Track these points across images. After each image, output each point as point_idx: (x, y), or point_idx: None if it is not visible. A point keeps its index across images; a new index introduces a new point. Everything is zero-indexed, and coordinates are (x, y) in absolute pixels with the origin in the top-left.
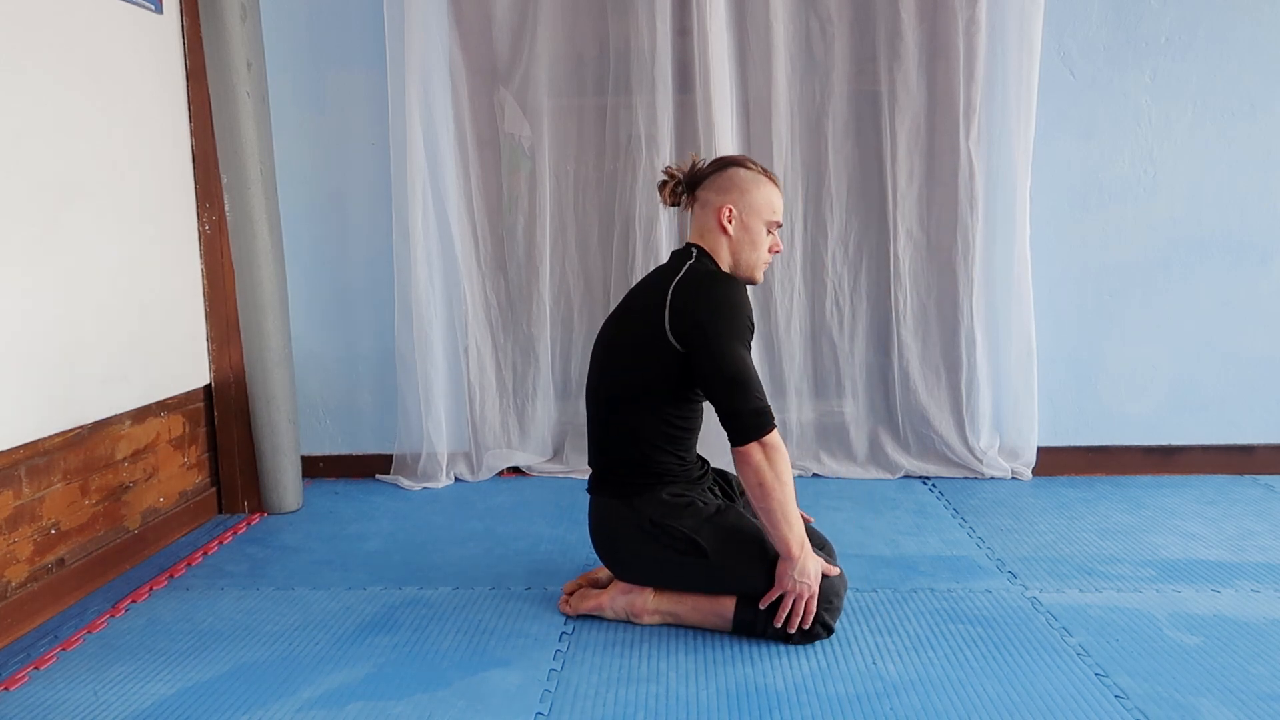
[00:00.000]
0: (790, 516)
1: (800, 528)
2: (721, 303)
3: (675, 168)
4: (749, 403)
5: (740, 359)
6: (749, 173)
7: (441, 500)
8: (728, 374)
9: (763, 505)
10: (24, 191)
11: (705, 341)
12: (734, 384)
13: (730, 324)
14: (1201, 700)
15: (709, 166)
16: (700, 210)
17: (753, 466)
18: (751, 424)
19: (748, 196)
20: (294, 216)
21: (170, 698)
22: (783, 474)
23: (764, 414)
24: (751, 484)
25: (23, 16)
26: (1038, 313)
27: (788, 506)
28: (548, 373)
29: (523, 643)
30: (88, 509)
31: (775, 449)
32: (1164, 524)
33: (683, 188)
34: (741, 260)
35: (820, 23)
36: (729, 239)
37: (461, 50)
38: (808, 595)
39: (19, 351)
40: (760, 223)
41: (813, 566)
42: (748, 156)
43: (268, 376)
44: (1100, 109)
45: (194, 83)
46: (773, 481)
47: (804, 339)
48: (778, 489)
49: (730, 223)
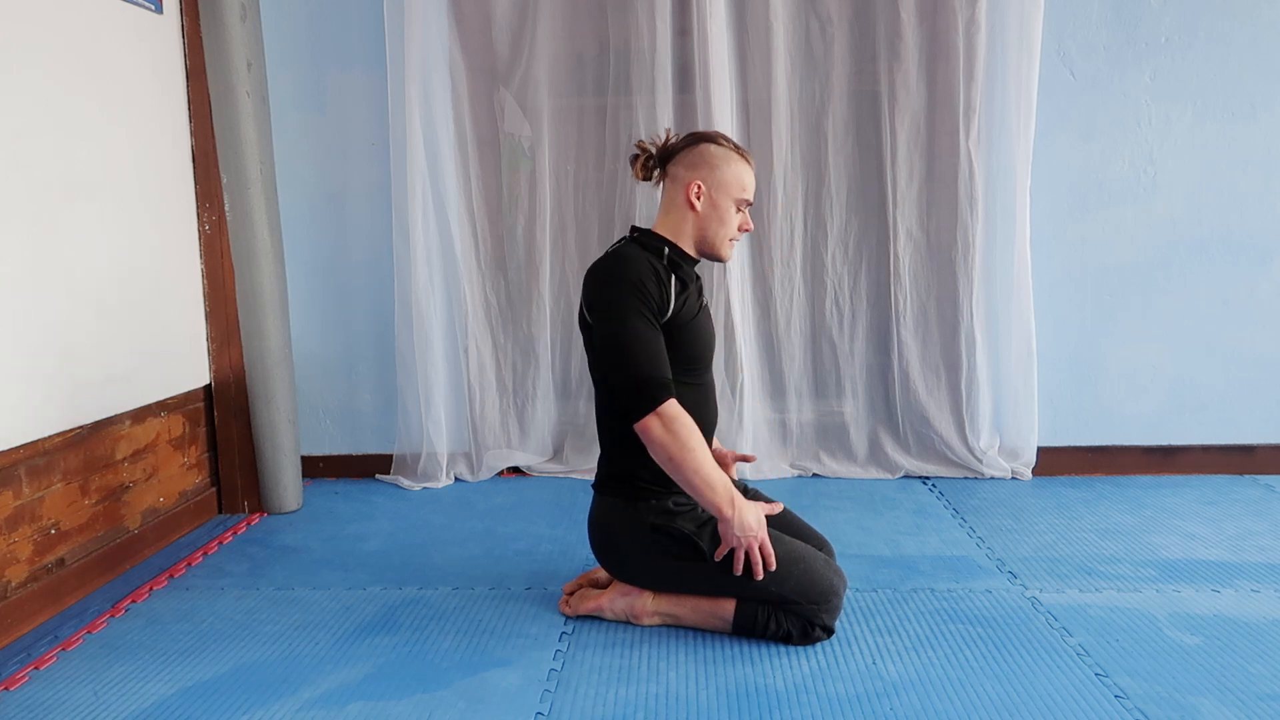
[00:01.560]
0: (710, 479)
1: (724, 484)
2: (611, 279)
3: (648, 142)
4: (634, 375)
5: (627, 330)
6: (720, 149)
7: (441, 500)
8: (610, 351)
9: (678, 477)
10: (24, 191)
11: (597, 319)
12: (617, 358)
13: (618, 298)
14: (1201, 700)
15: (681, 141)
16: (670, 185)
17: (656, 441)
18: (643, 396)
19: (717, 173)
20: (294, 216)
21: (170, 698)
22: (689, 440)
23: (652, 383)
24: (661, 460)
25: (23, 16)
26: (1038, 313)
27: (703, 470)
28: (548, 373)
29: (523, 643)
30: (88, 509)
31: (673, 418)
32: (1164, 524)
33: (654, 162)
34: (708, 236)
35: (820, 23)
36: (696, 215)
37: (461, 50)
38: (755, 544)
39: (19, 351)
40: (729, 200)
41: (750, 517)
42: (722, 133)
43: (268, 376)
44: (1100, 109)
45: (194, 83)
46: (680, 452)
47: (804, 339)
48: (688, 457)
49: (699, 199)
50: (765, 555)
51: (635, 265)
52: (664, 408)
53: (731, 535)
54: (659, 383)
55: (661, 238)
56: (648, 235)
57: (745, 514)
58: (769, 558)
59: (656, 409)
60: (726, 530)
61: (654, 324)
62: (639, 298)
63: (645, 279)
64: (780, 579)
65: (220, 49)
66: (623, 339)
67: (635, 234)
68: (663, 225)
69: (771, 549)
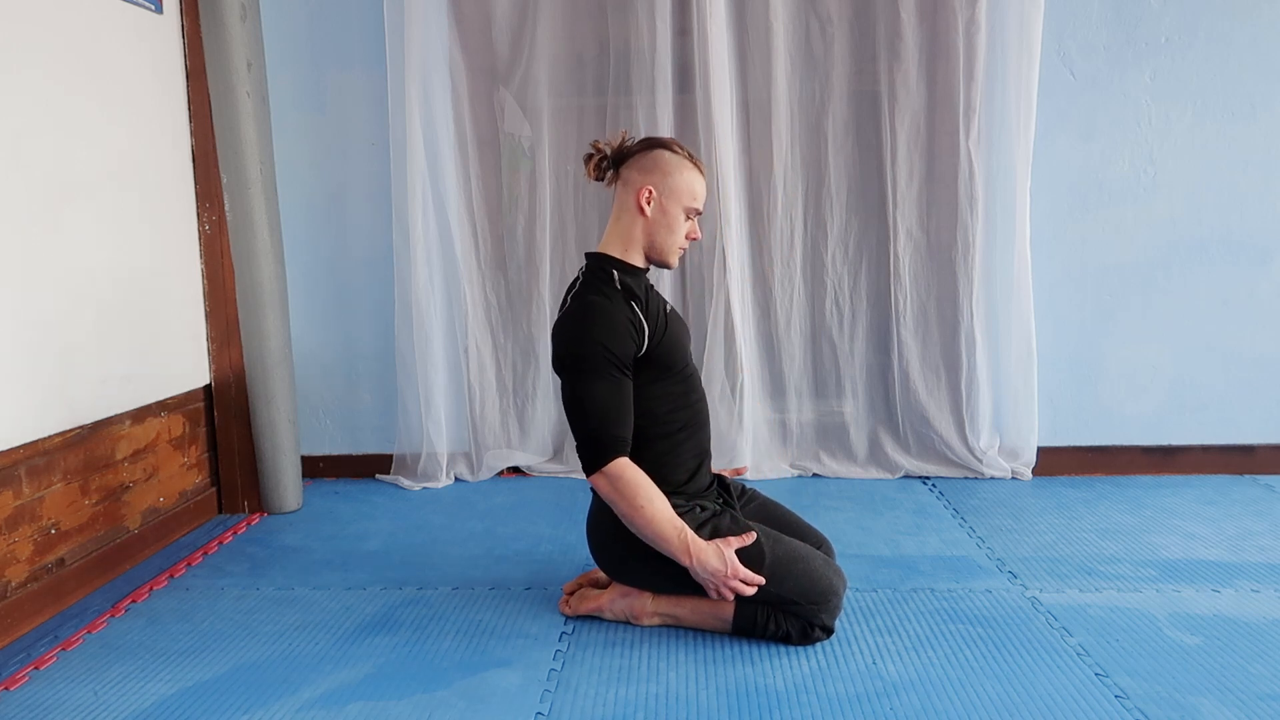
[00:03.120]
0: (663, 531)
1: (678, 534)
2: (574, 336)
3: (604, 142)
4: (586, 434)
5: (581, 391)
6: (674, 156)
7: (441, 500)
8: (570, 407)
9: (633, 529)
10: (24, 191)
11: (562, 375)
12: (575, 416)
13: (577, 359)
14: (1201, 700)
15: (636, 145)
16: (622, 188)
17: (605, 496)
18: (589, 455)
19: (669, 180)
20: (294, 216)
21: (170, 698)
22: (635, 498)
23: (599, 443)
24: (617, 513)
25: (23, 16)
26: (1038, 313)
27: (654, 523)
28: (548, 373)
29: (523, 643)
30: (88, 509)
31: (618, 477)
32: (1164, 524)
33: (608, 163)
34: (656, 243)
35: (820, 23)
36: (645, 220)
37: (461, 50)
38: (722, 577)
39: (19, 351)
40: (679, 207)
41: (711, 560)
42: (676, 140)
43: (268, 376)
44: (1100, 109)
45: (194, 83)
46: (628, 508)
47: (804, 339)
48: (636, 515)
49: (649, 204)
50: (748, 580)
51: (601, 323)
52: (610, 467)
53: (700, 579)
54: (608, 442)
55: (609, 259)
56: (596, 261)
57: (706, 557)
58: (750, 579)
59: (603, 468)
60: (695, 575)
61: (621, 378)
62: (604, 356)
63: (610, 337)
64: (780, 579)
65: (220, 49)
66: (583, 400)
67: (588, 262)
68: (613, 229)
69: (747, 572)
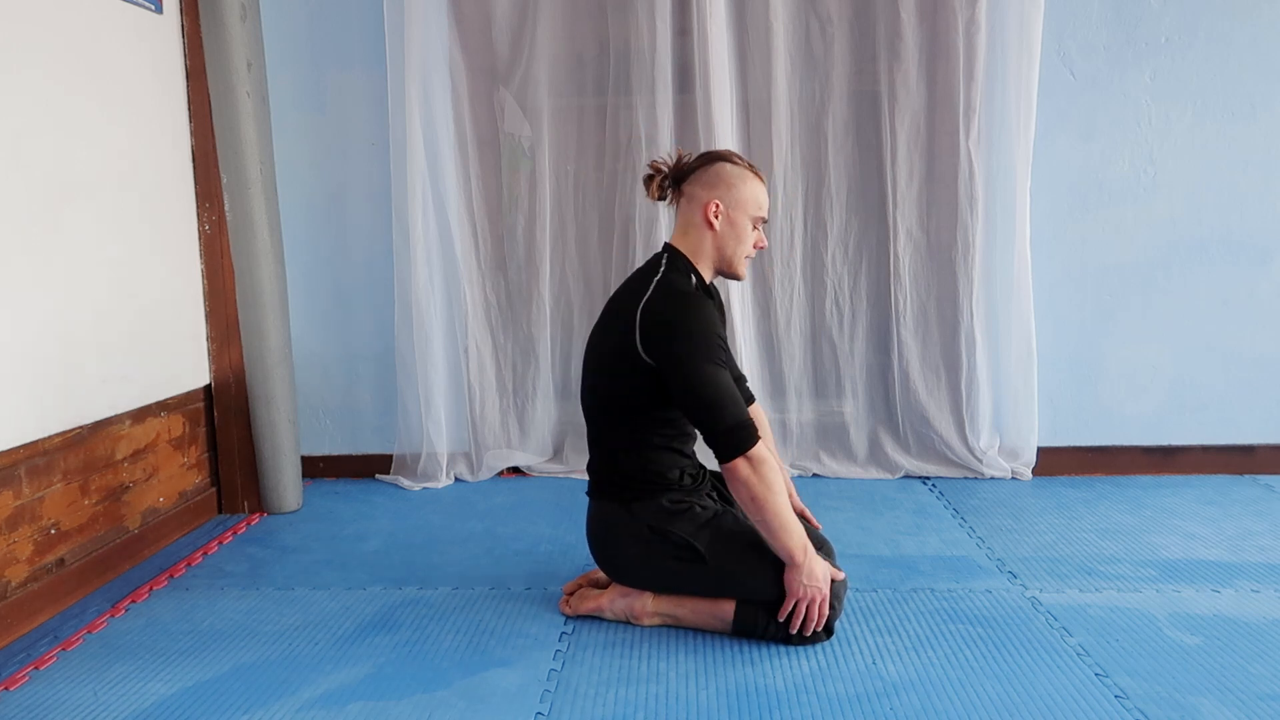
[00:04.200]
0: (788, 524)
1: (800, 532)
2: (688, 328)
3: (661, 162)
4: (726, 421)
5: (712, 380)
6: (735, 168)
7: (441, 500)
8: (703, 398)
9: (758, 518)
10: (24, 191)
11: (676, 367)
12: (710, 407)
13: (699, 347)
14: (1201, 700)
15: (695, 161)
16: (686, 205)
17: (741, 481)
18: (732, 441)
19: (734, 192)
20: (294, 216)
21: (170, 698)
22: (773, 484)
23: (742, 429)
24: (744, 499)
25: (23, 16)
26: (1038, 313)
27: (783, 515)
28: (548, 373)
29: (523, 643)
30: (88, 509)
31: (760, 461)
32: (1164, 524)
33: (669, 182)
34: (726, 255)
35: (820, 23)
36: (714, 234)
37: (461, 50)
38: (820, 599)
39: (19, 351)
40: (746, 218)
41: (820, 569)
42: (734, 152)
43: (268, 376)
44: (1100, 109)
45: (194, 83)
46: (764, 493)
47: (804, 339)
48: (770, 499)
49: (716, 218)
50: (821, 613)
51: (702, 311)
52: (753, 452)
53: (798, 584)
54: (746, 429)
55: (690, 264)
56: (682, 258)
57: (815, 564)
58: (823, 615)
59: (746, 453)
60: (793, 578)
61: (727, 366)
62: (720, 345)
63: (715, 325)
64: (780, 580)
65: (220, 49)
66: (707, 390)
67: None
68: (682, 246)
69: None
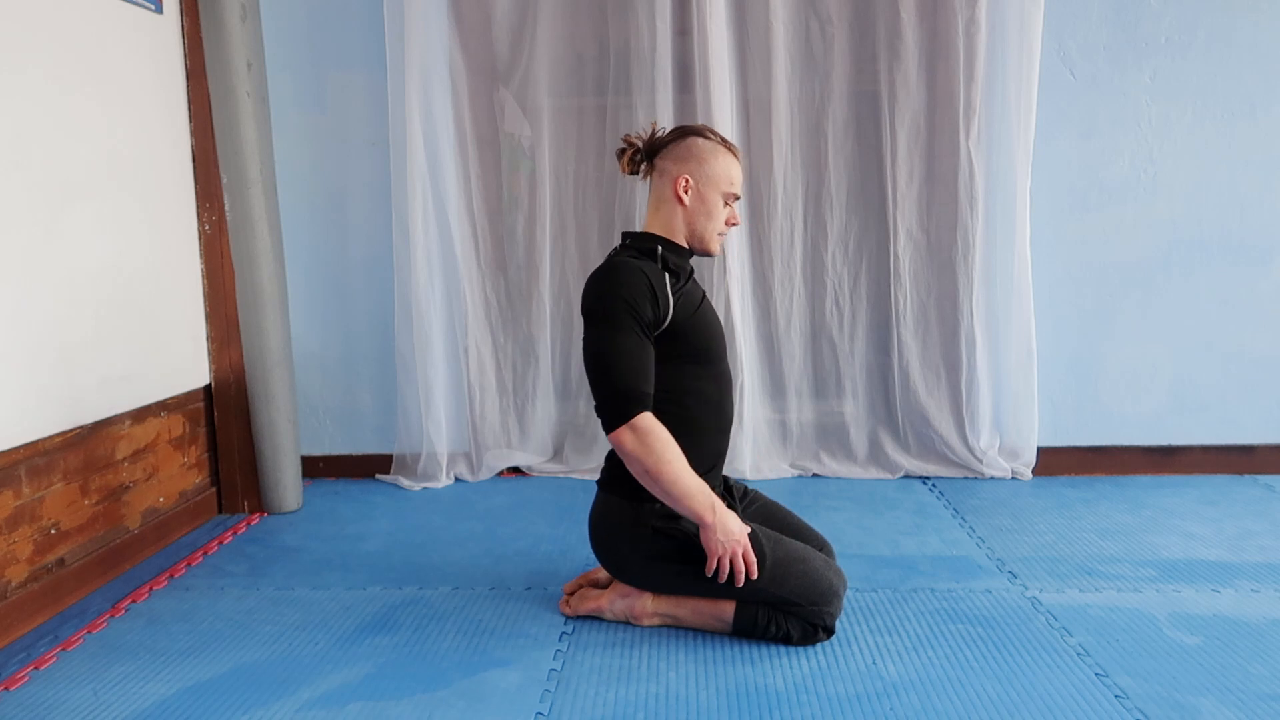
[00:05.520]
0: (688, 489)
1: (703, 492)
2: (602, 291)
3: (635, 136)
4: (610, 387)
5: (609, 342)
6: (708, 143)
7: (441, 500)
8: (592, 363)
9: (655, 489)
10: (24, 191)
11: (586, 330)
12: (597, 371)
13: (606, 309)
14: (1201, 700)
15: (668, 135)
16: (658, 179)
17: (629, 453)
18: (614, 409)
19: (705, 166)
20: (294, 216)
21: (170, 698)
22: (664, 453)
23: (626, 396)
24: (637, 472)
25: (22, 16)
26: (1038, 313)
27: (681, 482)
28: (548, 373)
29: (523, 643)
30: (88, 509)
31: (646, 431)
32: (1164, 524)
33: (641, 156)
34: (696, 230)
35: (820, 23)
36: (684, 209)
37: (461, 50)
38: (739, 550)
39: (19, 351)
40: (717, 194)
41: (734, 523)
42: (708, 127)
43: (268, 376)
44: (1100, 109)
45: (194, 83)
46: (655, 464)
47: (804, 339)
48: (664, 469)
49: (686, 193)
50: (748, 562)
51: (629, 280)
52: (637, 420)
53: (714, 542)
54: (634, 395)
55: (654, 236)
56: (639, 239)
57: (728, 520)
58: (751, 564)
59: (629, 421)
60: (709, 537)
61: (643, 338)
62: (630, 313)
63: (638, 296)
64: (780, 580)
65: (220, 49)
66: (606, 352)
67: (627, 240)
68: (652, 221)
69: (752, 554)
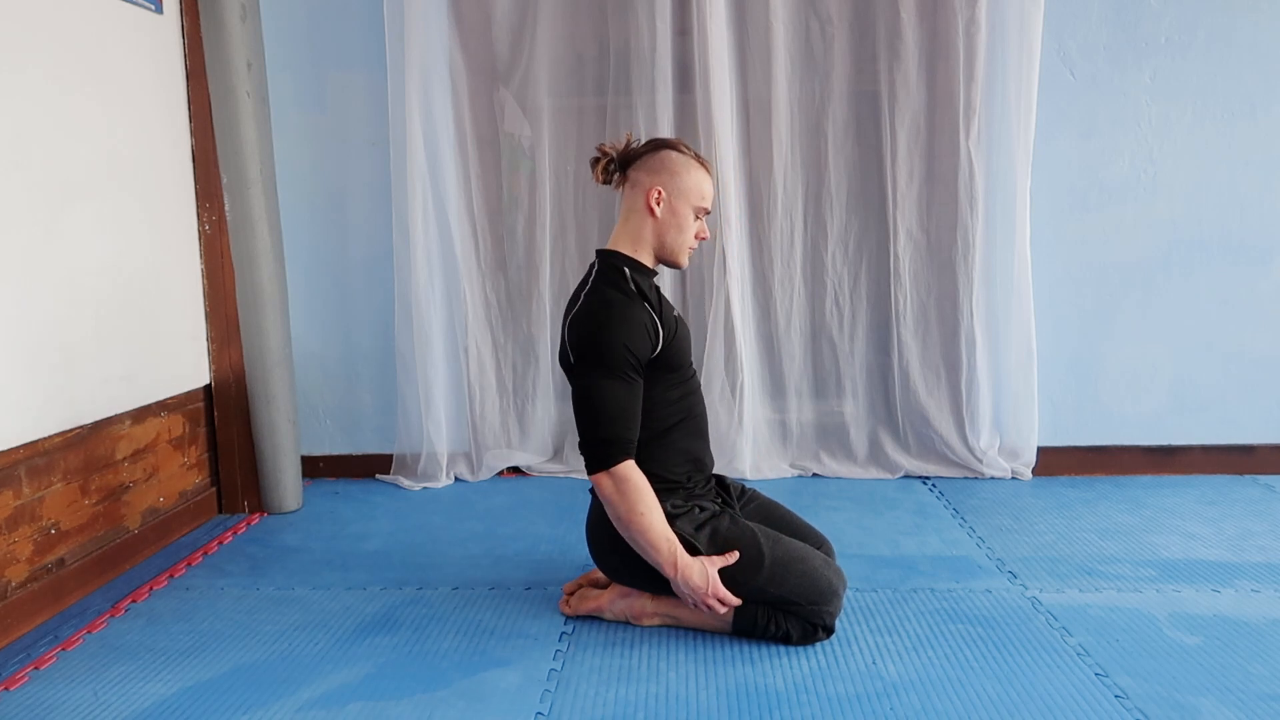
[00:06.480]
0: (654, 540)
1: (669, 545)
2: (591, 338)
3: (609, 145)
4: (599, 433)
5: (597, 390)
6: (681, 156)
7: (441, 500)
8: (582, 404)
9: (625, 535)
10: (24, 191)
11: (572, 373)
12: (586, 414)
13: (595, 355)
14: (1201, 700)
15: (642, 146)
16: (630, 190)
17: (605, 497)
18: (598, 454)
19: (677, 180)
20: (294, 216)
21: (170, 698)
22: (636, 504)
23: (611, 444)
24: (611, 516)
25: (22, 16)
26: (1038, 313)
27: (650, 533)
28: (548, 373)
29: (523, 643)
30: (88, 509)
31: (624, 480)
32: (1164, 524)
33: (615, 166)
34: (666, 243)
35: (820, 23)
36: (655, 221)
37: (461, 50)
38: (705, 599)
39: (19, 351)
40: (688, 207)
41: (695, 575)
42: (682, 140)
43: (268, 376)
44: (1100, 109)
45: (194, 83)
46: (627, 512)
47: (804, 339)
48: (635, 519)
49: (658, 205)
50: (724, 600)
51: (625, 322)
52: (617, 469)
53: (681, 594)
54: (618, 444)
55: (621, 257)
56: (609, 259)
57: (690, 573)
58: (727, 600)
59: (609, 469)
60: (676, 588)
61: (636, 382)
62: (628, 359)
63: (637, 340)
64: (779, 579)
65: (220, 49)
66: (594, 397)
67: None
68: (622, 231)
69: (725, 592)
